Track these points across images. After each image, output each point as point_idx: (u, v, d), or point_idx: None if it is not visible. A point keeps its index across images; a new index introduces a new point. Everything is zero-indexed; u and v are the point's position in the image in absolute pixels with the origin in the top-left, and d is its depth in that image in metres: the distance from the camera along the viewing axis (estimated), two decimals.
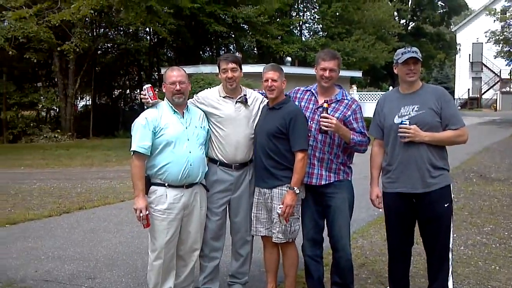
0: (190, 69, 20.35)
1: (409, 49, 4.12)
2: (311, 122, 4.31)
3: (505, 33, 34.95)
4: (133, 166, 4.10)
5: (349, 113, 4.30)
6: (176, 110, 4.21)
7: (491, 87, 53.45)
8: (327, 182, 4.30)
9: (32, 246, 6.22)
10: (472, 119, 37.86)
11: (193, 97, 4.56)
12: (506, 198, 9.19)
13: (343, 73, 28.41)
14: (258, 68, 21.72)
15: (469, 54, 54.42)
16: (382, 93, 33.98)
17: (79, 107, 33.09)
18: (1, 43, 18.73)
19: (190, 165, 4.15)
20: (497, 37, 35.99)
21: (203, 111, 4.42)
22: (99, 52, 29.43)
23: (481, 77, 54.46)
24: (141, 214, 4.04)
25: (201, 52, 33.47)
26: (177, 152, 4.12)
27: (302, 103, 4.45)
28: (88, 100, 33.19)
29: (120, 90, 34.58)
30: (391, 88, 32.23)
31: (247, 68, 21.21)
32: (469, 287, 4.94)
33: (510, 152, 16.76)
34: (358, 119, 4.33)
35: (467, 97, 54.63)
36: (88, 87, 29.25)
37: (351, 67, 31.52)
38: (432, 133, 3.95)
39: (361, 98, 31.12)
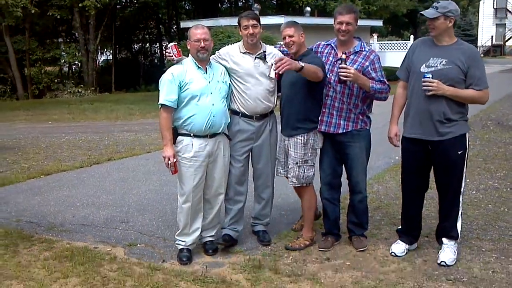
0: (208, 22, 20.42)
1: (435, 3, 4.22)
2: (330, 74, 4.56)
3: None
4: (161, 118, 4.42)
5: (367, 63, 4.51)
6: (199, 66, 4.48)
7: None
8: (344, 131, 4.59)
9: (68, 195, 6.66)
10: (494, 67, 37.32)
11: (214, 53, 4.82)
12: None
13: (363, 22, 28.10)
14: (277, 19, 21.70)
15: (493, 0, 53.02)
16: (404, 42, 33.63)
17: (100, 62, 33.50)
18: (23, 2, 19.00)
19: (213, 116, 4.46)
20: None
21: (224, 66, 4.70)
22: (118, 6, 29.54)
23: (505, 24, 53.20)
24: (169, 162, 4.38)
25: (219, 4, 33.35)
26: (201, 104, 4.42)
27: (323, 57, 4.68)
28: (109, 55, 33.50)
29: (140, 44, 34.79)
30: (412, 37, 31.83)
31: (265, 20, 21.17)
32: (478, 227, 5.24)
33: None
34: (377, 69, 4.53)
35: (490, 44, 53.54)
36: (108, 41, 29.53)
37: (371, 15, 31.10)
38: (455, 89, 4.12)
39: (381, 48, 30.82)
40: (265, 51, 4.69)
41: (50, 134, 11.78)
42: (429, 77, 4.12)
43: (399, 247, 4.63)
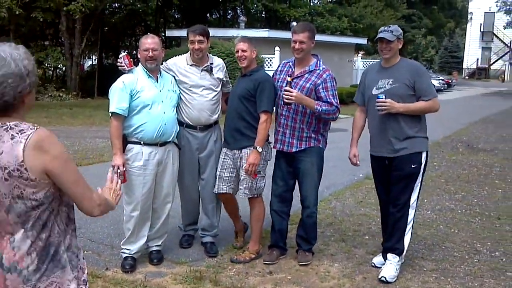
0: None
1: (386, 28, 4.47)
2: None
3: None
4: (111, 126, 4.46)
5: (319, 82, 4.59)
6: (150, 74, 4.55)
7: (500, 57, 53.02)
8: (297, 150, 4.67)
9: None
10: (478, 90, 37.93)
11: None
12: (486, 168, 9.51)
13: (348, 39, 28.43)
14: (261, 33, 21.91)
15: (481, 24, 53.77)
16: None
17: (85, 67, 33.40)
18: (8, 3, 18.98)
19: (165, 124, 4.52)
20: (508, 7, 35.65)
21: (173, 77, 4.78)
22: (106, 12, 29.56)
23: (491, 47, 54.00)
24: (119, 170, 4.40)
25: (208, 15, 33.52)
26: (153, 113, 4.48)
27: (282, 75, 4.79)
28: (95, 60, 33.47)
29: (127, 50, 34.79)
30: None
31: (250, 33, 21.39)
32: (425, 247, 5.32)
33: (505, 124, 16.98)
34: (328, 88, 4.60)
35: (475, 67, 54.26)
36: (94, 47, 29.49)
37: (358, 33, 31.48)
38: (406, 104, 4.36)
39: (365, 66, 31.09)
40: (212, 63, 4.79)
41: None
42: (382, 98, 4.33)
43: (379, 259, 4.78)
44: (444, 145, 11.96)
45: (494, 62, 53.67)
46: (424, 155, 4.48)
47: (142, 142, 4.51)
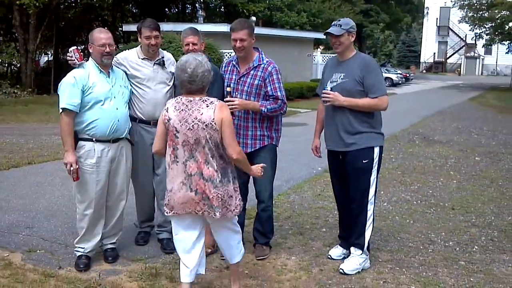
0: None
1: (336, 22, 4.47)
2: (236, 92, 4.60)
3: None
4: (62, 123, 4.31)
5: (265, 75, 4.57)
6: (102, 69, 4.45)
7: (456, 51, 54.37)
8: (252, 150, 4.65)
9: None
10: (435, 83, 38.76)
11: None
12: (441, 159, 9.71)
13: (307, 34, 28.59)
14: (221, 27, 21.78)
15: (437, 18, 55.02)
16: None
17: (42, 63, 32.64)
18: None
19: (118, 120, 4.43)
20: (462, 2, 36.43)
21: (124, 71, 4.69)
22: (61, 6, 28.91)
23: (447, 42, 55.28)
24: (71, 168, 4.29)
25: (166, 9, 33.16)
26: (105, 109, 4.38)
27: (227, 75, 4.74)
28: (51, 56, 32.73)
29: (84, 46, 34.13)
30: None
31: (210, 27, 21.27)
32: (380, 238, 5.39)
33: (461, 116, 17.39)
34: (274, 80, 4.57)
35: (432, 61, 55.43)
36: (50, 42, 28.84)
37: (317, 28, 31.68)
38: (351, 99, 4.31)
39: (324, 60, 31.35)
40: (163, 57, 4.74)
41: None
42: (327, 89, 4.34)
43: (335, 251, 4.84)
44: (401, 138, 12.15)
45: (450, 56, 54.96)
46: (376, 150, 4.46)
47: (94, 139, 4.41)
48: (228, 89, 4.48)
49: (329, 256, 4.80)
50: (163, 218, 4.97)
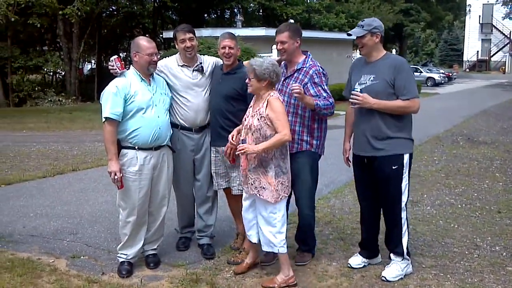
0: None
1: (360, 22, 4.35)
2: (280, 94, 4.54)
3: None
4: (105, 132, 4.38)
5: (306, 80, 4.50)
6: (143, 78, 4.51)
7: (500, 49, 52.96)
8: (292, 152, 4.54)
9: (23, 205, 6.63)
10: (479, 82, 37.87)
11: None
12: (486, 161, 9.46)
13: (346, 35, 28.33)
14: (258, 31, 21.87)
15: (479, 16, 53.70)
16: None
17: (85, 71, 33.45)
18: (3, 10, 18.97)
19: (159, 128, 4.48)
20: None
21: (164, 79, 4.74)
22: (103, 15, 29.57)
23: (490, 39, 53.90)
24: (116, 177, 4.36)
25: (205, 15, 33.48)
26: (147, 117, 4.44)
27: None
28: (94, 64, 33.50)
29: (125, 53, 34.80)
30: (394, 51, 32.08)
31: (247, 32, 21.35)
32: (424, 243, 5.27)
33: (506, 116, 16.93)
34: (317, 83, 4.48)
35: (476, 59, 54.15)
36: (93, 50, 29.54)
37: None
38: (381, 101, 4.18)
39: None
40: (201, 63, 4.77)
41: (21, 143, 11.73)
42: (357, 91, 4.22)
43: (355, 260, 4.70)
44: (444, 139, 11.90)
45: (494, 54, 53.58)
46: (406, 157, 4.32)
47: (136, 147, 4.46)
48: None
49: (348, 265, 4.67)
50: (203, 223, 5.01)
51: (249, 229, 4.49)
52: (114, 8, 30.40)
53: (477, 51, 54.73)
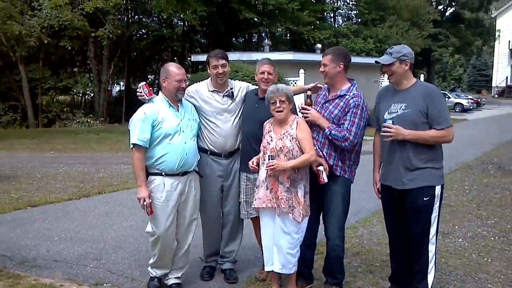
0: None
1: (389, 49, 4.23)
2: None
3: None
4: (134, 158, 4.38)
5: (346, 108, 4.38)
6: (171, 104, 4.49)
7: None
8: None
9: (48, 228, 6.62)
10: (508, 108, 37.19)
11: None
12: None
13: (374, 60, 28.20)
14: (286, 55, 21.90)
15: (509, 41, 53.02)
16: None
17: (114, 93, 33.88)
18: (37, 33, 19.40)
19: (186, 154, 4.45)
20: None
21: (193, 104, 4.72)
22: (133, 38, 30.04)
23: None
24: (145, 203, 4.33)
25: (233, 39, 33.73)
26: (173, 143, 4.41)
27: (318, 99, 4.65)
28: (123, 86, 33.94)
29: (154, 76, 35.22)
30: (422, 76, 31.80)
31: (275, 56, 21.36)
32: (456, 278, 5.07)
33: None
34: (352, 114, 4.33)
35: (505, 85, 53.36)
36: (122, 73, 29.93)
37: (383, 54, 31.22)
38: (415, 131, 4.02)
39: None
40: (232, 88, 4.73)
41: (48, 164, 11.83)
42: (388, 123, 4.07)
43: None
44: (474, 167, 11.62)
45: None
46: (438, 188, 4.14)
47: (163, 173, 4.43)
48: (309, 92, 4.49)
49: None
50: (226, 248, 4.95)
51: (271, 257, 4.44)
52: (144, 31, 30.88)
53: (506, 77, 53.88)
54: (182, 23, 31.68)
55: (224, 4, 27.36)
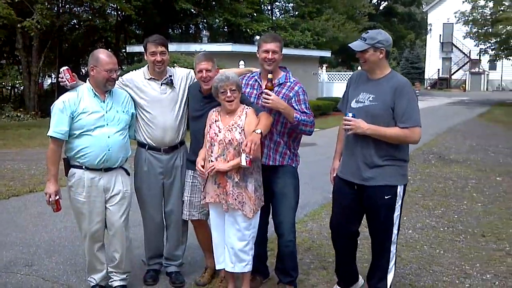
0: None
1: (364, 34, 3.86)
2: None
3: (474, 14, 35.21)
4: (49, 150, 4.06)
5: (291, 95, 4.19)
6: (96, 93, 4.10)
7: (461, 67, 54.05)
8: (272, 164, 4.21)
9: None
10: (441, 100, 38.37)
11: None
12: (461, 180, 9.27)
13: (312, 53, 28.32)
14: (224, 47, 21.55)
15: (440, 35, 54.81)
16: (351, 73, 34.10)
17: (45, 85, 32.45)
18: None
19: (109, 150, 4.08)
20: (466, 18, 36.24)
21: (129, 94, 4.33)
22: (64, 29, 28.78)
23: (451, 58, 55.02)
24: (51, 199, 4.02)
25: (170, 30, 33.03)
26: (95, 136, 4.04)
27: (248, 89, 4.36)
28: (55, 78, 32.57)
29: (87, 68, 34.04)
30: (359, 68, 32.25)
31: (213, 47, 20.99)
32: (411, 271, 4.95)
33: (473, 133, 16.94)
34: (301, 101, 4.20)
35: (437, 77, 55.17)
36: (53, 64, 28.63)
37: (321, 46, 31.43)
38: (377, 127, 3.71)
39: (330, 78, 31.09)
40: (171, 76, 4.36)
41: None
42: (349, 115, 3.76)
43: None
44: (416, 157, 11.69)
45: (455, 72, 54.63)
46: (400, 187, 3.87)
47: (84, 167, 4.08)
48: (270, 76, 4.11)
49: None
50: (172, 250, 4.63)
51: (221, 255, 4.19)
52: (75, 21, 29.66)
53: (438, 69, 55.70)
54: (116, 13, 30.67)
55: None
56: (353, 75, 4.21)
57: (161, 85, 4.35)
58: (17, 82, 24.54)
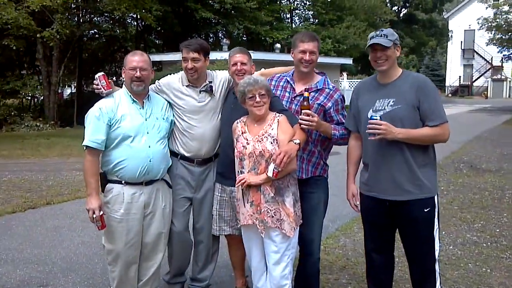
0: (176, 56, 19.80)
1: (379, 32, 3.52)
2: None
3: (497, 20, 34.53)
4: (85, 161, 3.67)
5: (329, 104, 3.83)
6: (135, 99, 3.76)
7: (482, 74, 53.12)
8: (308, 176, 3.84)
9: None
10: (462, 107, 37.67)
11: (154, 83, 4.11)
12: (498, 191, 8.77)
13: (334, 60, 27.99)
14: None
15: (461, 41, 53.95)
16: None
17: (65, 95, 32.49)
18: None
19: (150, 161, 3.72)
20: (489, 24, 35.57)
21: (166, 100, 3.99)
22: (84, 38, 28.78)
23: (472, 64, 54.09)
24: (94, 216, 3.60)
25: (190, 39, 32.96)
26: (135, 146, 3.69)
27: (278, 92, 3.97)
28: (75, 88, 32.59)
29: (108, 77, 34.05)
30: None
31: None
32: None
33: (501, 142, 16.36)
34: (339, 110, 3.87)
35: (458, 85, 54.31)
36: (73, 74, 28.61)
37: (341, 54, 31.08)
38: (407, 130, 3.37)
39: (351, 86, 30.67)
40: (210, 82, 3.98)
41: None
42: (376, 119, 3.35)
43: None
44: (446, 167, 11.20)
45: (476, 79, 53.71)
46: (436, 198, 3.52)
47: (123, 181, 3.70)
48: (306, 94, 3.66)
49: None
50: (200, 271, 4.27)
51: (261, 278, 3.74)
52: (95, 31, 29.63)
53: (459, 77, 54.80)
54: (136, 23, 30.64)
55: (180, 3, 26.54)
56: (356, 88, 3.86)
57: (200, 92, 4.00)
58: (37, 92, 24.48)
